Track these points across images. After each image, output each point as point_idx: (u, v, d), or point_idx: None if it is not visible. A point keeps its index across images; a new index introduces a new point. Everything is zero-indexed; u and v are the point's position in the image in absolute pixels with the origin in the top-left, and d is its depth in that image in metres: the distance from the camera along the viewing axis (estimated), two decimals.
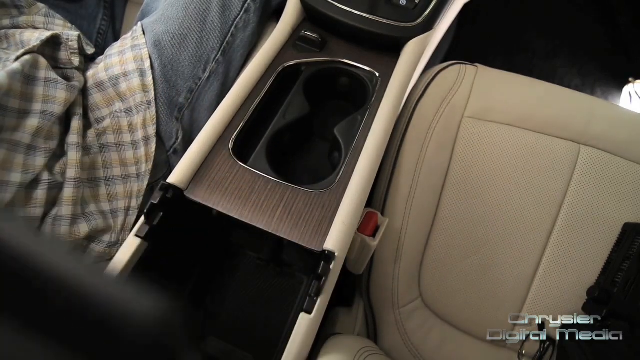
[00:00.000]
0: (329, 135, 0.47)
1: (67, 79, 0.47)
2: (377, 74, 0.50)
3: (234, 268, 0.48)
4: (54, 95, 0.44)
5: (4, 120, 0.40)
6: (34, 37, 0.47)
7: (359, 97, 0.51)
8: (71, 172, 0.45)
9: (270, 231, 0.37)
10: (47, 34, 0.47)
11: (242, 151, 0.43)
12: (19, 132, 0.42)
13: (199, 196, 0.39)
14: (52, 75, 0.45)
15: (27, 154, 0.42)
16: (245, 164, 0.41)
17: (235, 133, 0.43)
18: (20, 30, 0.49)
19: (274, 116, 0.47)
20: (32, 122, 0.43)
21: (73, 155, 0.46)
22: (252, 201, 0.39)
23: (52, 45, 0.48)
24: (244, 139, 0.44)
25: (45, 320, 0.12)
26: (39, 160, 0.43)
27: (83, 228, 0.46)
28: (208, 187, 0.39)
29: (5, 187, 0.40)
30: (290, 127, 0.47)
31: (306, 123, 0.49)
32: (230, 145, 0.42)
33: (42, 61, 0.45)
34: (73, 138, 0.46)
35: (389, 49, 0.53)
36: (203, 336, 0.47)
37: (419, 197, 0.53)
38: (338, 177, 0.41)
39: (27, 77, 0.43)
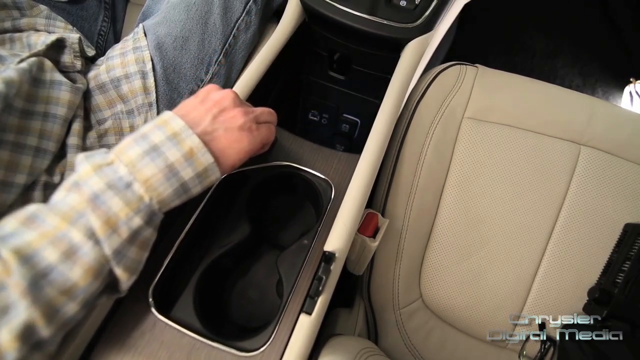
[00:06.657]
0: (280, 242, 0.43)
1: (70, 81, 0.47)
2: (332, 184, 0.43)
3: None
4: (57, 96, 0.44)
5: (8, 119, 0.40)
6: (40, 41, 0.47)
7: (314, 197, 0.45)
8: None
9: None
10: (52, 37, 0.47)
11: (166, 296, 0.37)
12: (23, 134, 0.42)
13: (107, 358, 0.34)
14: (57, 77, 0.45)
15: (35, 155, 0.42)
16: (168, 313, 0.36)
17: (156, 277, 0.36)
18: (26, 34, 0.49)
19: (206, 243, 0.39)
20: (36, 124, 0.43)
21: (73, 157, 0.46)
22: None
23: (56, 48, 0.48)
24: (167, 281, 0.38)
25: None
26: (45, 162, 0.43)
27: None
28: (121, 348, 0.34)
29: (9, 189, 0.41)
30: (228, 253, 0.40)
31: (248, 242, 0.41)
32: (150, 295, 0.36)
33: (48, 63, 0.45)
34: (73, 140, 0.46)
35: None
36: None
37: (419, 198, 0.53)
38: (272, 337, 0.34)
39: (33, 78, 0.43)
